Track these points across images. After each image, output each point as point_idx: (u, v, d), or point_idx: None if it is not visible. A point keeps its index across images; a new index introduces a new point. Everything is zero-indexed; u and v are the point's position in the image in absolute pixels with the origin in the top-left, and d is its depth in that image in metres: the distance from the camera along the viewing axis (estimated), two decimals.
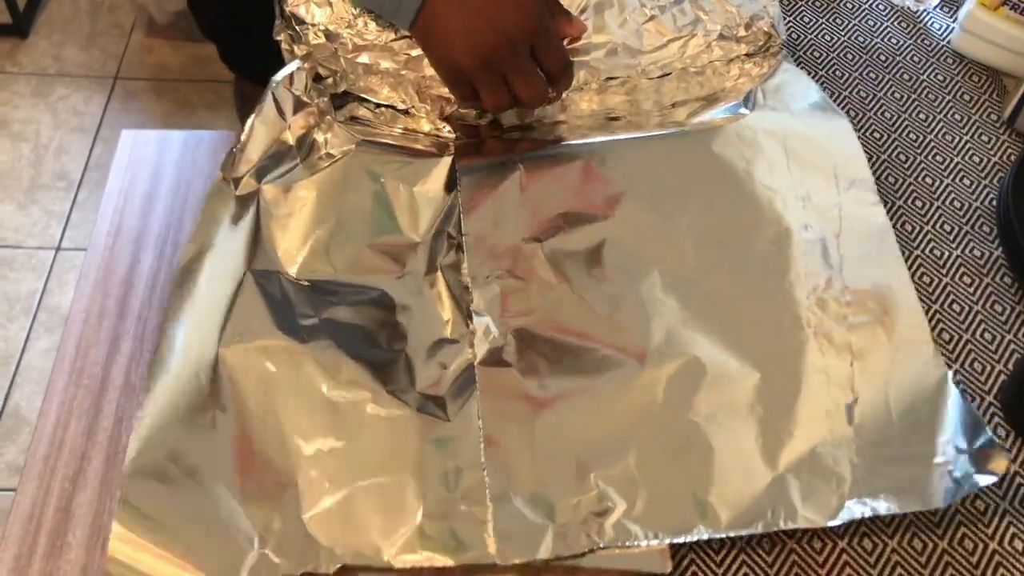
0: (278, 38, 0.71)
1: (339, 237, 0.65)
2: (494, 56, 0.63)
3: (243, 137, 0.70)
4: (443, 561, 0.52)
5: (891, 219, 0.72)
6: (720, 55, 0.72)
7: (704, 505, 0.54)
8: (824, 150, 0.71)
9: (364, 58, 0.69)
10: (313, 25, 0.69)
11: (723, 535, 0.54)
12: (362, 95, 0.70)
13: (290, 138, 0.69)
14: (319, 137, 0.69)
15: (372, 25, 0.69)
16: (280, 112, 0.70)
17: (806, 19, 0.87)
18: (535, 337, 0.60)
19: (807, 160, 0.70)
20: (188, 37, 1.92)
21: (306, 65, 0.70)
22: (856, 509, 0.55)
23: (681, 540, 0.54)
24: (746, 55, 0.73)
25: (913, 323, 0.63)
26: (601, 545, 0.53)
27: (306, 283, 0.63)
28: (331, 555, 0.51)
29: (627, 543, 0.53)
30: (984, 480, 0.56)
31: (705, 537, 0.54)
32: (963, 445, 0.57)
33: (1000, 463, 0.57)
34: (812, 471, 0.56)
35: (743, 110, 0.73)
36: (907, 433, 0.58)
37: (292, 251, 0.64)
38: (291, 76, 0.71)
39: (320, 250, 0.64)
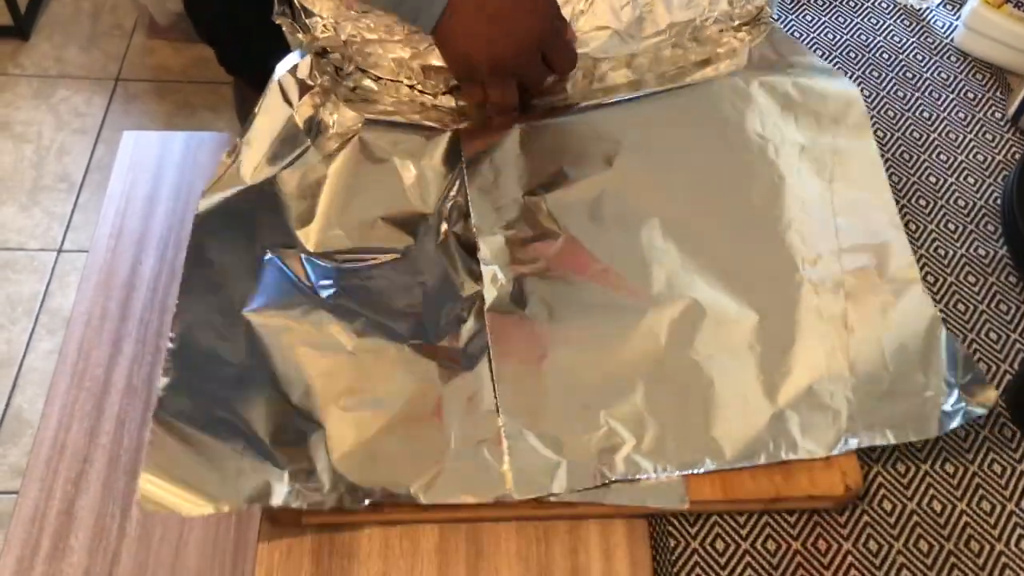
0: (277, 22, 0.71)
1: (353, 213, 0.67)
2: (508, 62, 0.67)
3: (252, 124, 0.70)
4: (466, 499, 0.54)
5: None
6: (714, 29, 0.75)
7: (709, 439, 0.57)
8: (818, 97, 0.73)
9: (371, 48, 0.70)
10: (321, 17, 0.69)
11: (728, 467, 0.56)
12: (368, 70, 0.72)
13: (298, 121, 0.70)
14: (326, 117, 0.71)
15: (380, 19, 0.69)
16: (286, 98, 0.71)
17: (809, 18, 0.87)
18: (541, 283, 0.62)
19: (800, 107, 0.72)
20: (189, 38, 1.92)
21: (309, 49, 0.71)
22: (852, 441, 0.57)
23: (689, 472, 0.56)
24: (738, 25, 0.76)
25: (903, 265, 0.64)
26: (612, 479, 0.55)
27: (324, 257, 0.65)
28: (361, 491, 0.53)
29: (638, 476, 0.55)
30: (975, 412, 0.58)
31: (713, 468, 0.56)
32: (953, 380, 0.59)
33: (989, 395, 0.59)
34: (810, 406, 0.58)
35: (735, 67, 0.75)
36: (899, 370, 0.60)
37: (309, 229, 0.66)
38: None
39: (335, 226, 0.66)
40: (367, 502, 0.53)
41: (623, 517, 0.57)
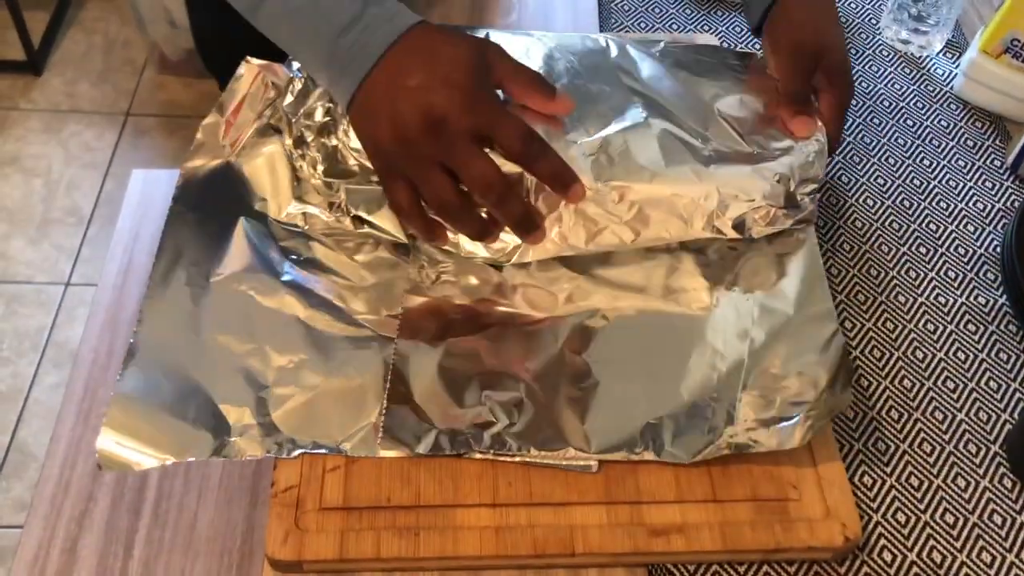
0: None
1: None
2: (420, 139, 0.58)
3: (237, 107, 0.74)
4: (390, 455, 0.59)
5: (896, 266, 0.73)
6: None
7: (578, 432, 0.59)
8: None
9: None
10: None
11: (587, 456, 0.58)
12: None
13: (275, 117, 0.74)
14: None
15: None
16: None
17: None
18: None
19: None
20: (199, 74, 1.94)
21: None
22: (718, 451, 0.58)
23: (550, 456, 0.58)
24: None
25: (820, 300, 0.65)
26: (476, 450, 0.58)
27: (290, 226, 0.69)
28: (293, 443, 0.58)
29: (500, 451, 0.58)
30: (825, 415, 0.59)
31: (571, 455, 0.58)
32: (825, 390, 0.60)
33: (844, 399, 0.60)
34: (689, 416, 0.60)
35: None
36: (790, 396, 0.60)
37: (280, 202, 0.70)
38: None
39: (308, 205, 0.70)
40: (296, 453, 0.58)
41: (623, 567, 0.57)
